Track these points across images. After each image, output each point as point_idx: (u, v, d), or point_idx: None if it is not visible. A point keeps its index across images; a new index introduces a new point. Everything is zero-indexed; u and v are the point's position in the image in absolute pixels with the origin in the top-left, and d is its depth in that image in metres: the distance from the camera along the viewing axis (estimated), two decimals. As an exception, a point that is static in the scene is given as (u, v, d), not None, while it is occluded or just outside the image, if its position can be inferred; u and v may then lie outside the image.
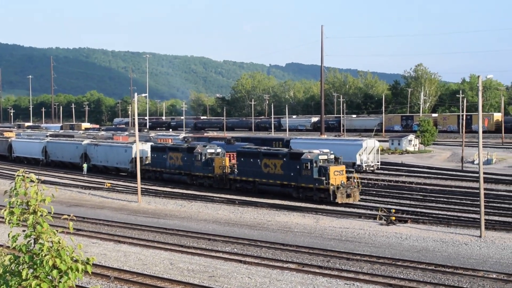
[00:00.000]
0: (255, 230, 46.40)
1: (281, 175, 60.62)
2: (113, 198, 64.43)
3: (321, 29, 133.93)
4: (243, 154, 67.15)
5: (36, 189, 8.51)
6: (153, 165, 77.71)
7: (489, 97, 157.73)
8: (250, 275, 32.18)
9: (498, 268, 34.19)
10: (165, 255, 37.53)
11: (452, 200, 57.29)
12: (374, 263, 35.62)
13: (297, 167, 58.73)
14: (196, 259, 36.37)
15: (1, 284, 8.31)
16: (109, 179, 78.22)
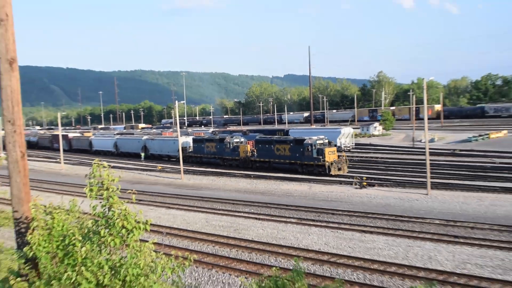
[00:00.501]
0: (266, 196, 46.51)
1: (289, 156, 60.69)
2: (163, 177, 64.64)
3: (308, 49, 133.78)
4: (260, 142, 67.04)
5: (108, 172, 8.65)
6: (194, 152, 77.34)
7: (431, 93, 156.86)
8: (263, 228, 32.36)
9: (440, 216, 34.24)
10: (202, 216, 37.70)
11: (406, 169, 57.31)
12: (351, 216, 35.70)
13: (301, 150, 58.88)
14: (224, 218, 36.53)
15: (86, 240, 8.44)
16: (160, 164, 78.38)
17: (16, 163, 9.92)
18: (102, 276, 8.10)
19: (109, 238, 8.32)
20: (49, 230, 8.64)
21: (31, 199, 9.66)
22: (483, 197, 40.29)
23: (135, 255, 8.34)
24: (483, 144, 75.32)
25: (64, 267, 8.31)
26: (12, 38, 9.80)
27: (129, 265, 8.16)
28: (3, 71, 9.71)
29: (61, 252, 8.50)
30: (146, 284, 8.19)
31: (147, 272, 8.27)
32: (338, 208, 38.45)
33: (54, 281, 8.23)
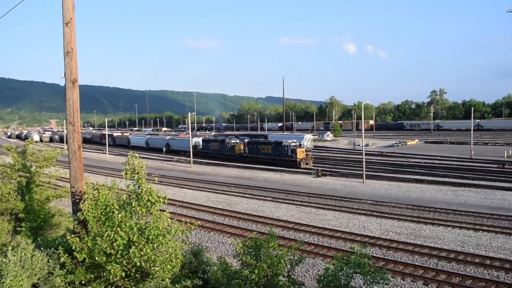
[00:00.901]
0: (250, 181, 46.39)
1: (271, 153, 60.19)
2: (178, 165, 64.31)
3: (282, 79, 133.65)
4: (251, 143, 66.43)
5: (138, 161, 8.59)
6: (203, 149, 76.33)
7: (367, 112, 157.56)
8: (248, 203, 32.26)
9: (371, 198, 34.34)
10: (205, 194, 37.53)
11: (349, 164, 57.43)
12: (310, 196, 35.69)
13: (279, 149, 58.62)
14: (220, 196, 36.38)
15: (122, 208, 8.39)
16: (177, 156, 77.97)
17: (74, 153, 10.02)
18: (132, 235, 8.08)
19: (138, 208, 8.28)
20: (96, 201, 8.60)
21: (84, 178, 9.69)
22: (401, 185, 40.50)
23: (156, 221, 8.30)
24: (402, 148, 75.77)
25: (105, 227, 8.29)
26: (75, 65, 9.97)
27: (151, 228, 8.12)
28: (68, 88, 9.91)
29: (103, 217, 8.47)
30: (164, 241, 8.17)
31: (164, 233, 8.25)
32: (301, 191, 38.44)
33: (98, 238, 8.19)
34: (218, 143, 73.16)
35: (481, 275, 16.44)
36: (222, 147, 71.03)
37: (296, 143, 58.95)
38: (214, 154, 72.72)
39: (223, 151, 70.68)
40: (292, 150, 57.03)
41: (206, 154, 74.80)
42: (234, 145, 68.74)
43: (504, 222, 25.45)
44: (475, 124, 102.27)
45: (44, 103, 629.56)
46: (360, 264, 8.50)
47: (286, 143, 58.69)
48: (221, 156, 70.71)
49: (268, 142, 64.72)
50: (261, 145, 63.06)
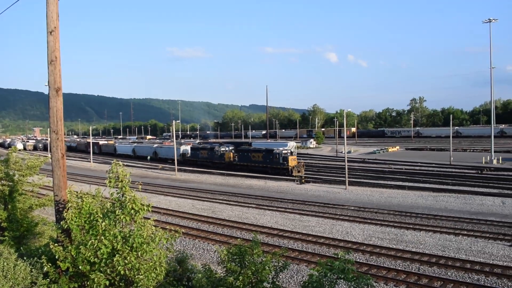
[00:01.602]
0: (234, 188, 46.28)
1: (262, 161, 58.89)
2: (163, 173, 63.88)
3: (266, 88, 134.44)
4: (241, 151, 65.28)
5: (122, 169, 8.50)
6: (191, 157, 74.95)
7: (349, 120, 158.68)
8: (232, 211, 32.13)
9: (354, 204, 34.52)
10: (189, 201, 37.29)
11: (332, 171, 57.68)
12: (294, 202, 35.72)
13: (271, 157, 57.41)
14: (205, 203, 36.20)
15: (105, 217, 8.29)
16: (162, 164, 77.21)
17: (58, 161, 9.96)
18: (116, 243, 7.98)
19: (122, 216, 8.19)
20: (79, 209, 8.48)
21: (67, 187, 9.59)
22: (383, 191, 40.78)
23: (140, 229, 8.20)
24: (384, 155, 76.41)
25: (89, 236, 8.18)
26: (59, 74, 9.93)
27: (135, 236, 8.03)
28: (51, 96, 9.88)
29: (87, 225, 8.36)
30: (148, 249, 8.08)
31: (149, 241, 8.16)
32: (284, 198, 38.46)
33: (81, 246, 8.06)
34: (207, 151, 71.60)
35: (462, 279, 16.59)
36: (212, 155, 69.52)
37: (288, 151, 58.13)
38: (203, 162, 71.13)
39: (212, 159, 69.16)
40: (284, 157, 55.81)
41: (195, 162, 73.19)
42: (223, 153, 67.27)
43: (483, 226, 25.78)
44: (454, 131, 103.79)
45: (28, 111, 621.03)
46: (344, 270, 8.50)
47: (278, 150, 57.64)
48: (210, 164, 69.19)
49: (258, 149, 62.97)
50: (252, 153, 61.57)
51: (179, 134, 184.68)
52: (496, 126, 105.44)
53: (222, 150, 68.02)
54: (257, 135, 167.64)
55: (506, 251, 20.25)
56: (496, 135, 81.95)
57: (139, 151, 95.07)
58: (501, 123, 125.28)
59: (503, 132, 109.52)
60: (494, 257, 19.37)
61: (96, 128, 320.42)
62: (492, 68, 59.31)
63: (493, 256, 19.57)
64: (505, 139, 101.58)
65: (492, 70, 59.33)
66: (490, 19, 56.66)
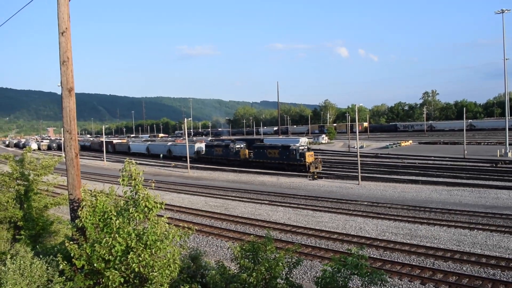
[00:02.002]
0: (247, 184, 46.37)
1: (278, 158, 58.03)
2: (176, 171, 64.19)
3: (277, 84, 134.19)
4: (257, 147, 64.24)
5: (135, 168, 8.57)
6: (206, 155, 74.12)
7: (361, 114, 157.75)
8: (245, 207, 32.22)
9: (367, 199, 34.41)
10: (202, 198, 37.46)
11: (344, 166, 57.48)
12: (307, 199, 35.71)
13: (287, 153, 56.51)
14: (218, 200, 36.33)
15: (119, 215, 8.36)
16: (174, 161, 77.39)
17: (72, 160, 10.01)
18: (130, 241, 8.04)
19: (136, 214, 8.25)
20: (94, 208, 8.55)
21: (81, 185, 9.66)
22: (397, 186, 40.55)
23: (153, 226, 8.26)
24: (396, 149, 75.94)
25: (103, 234, 8.25)
26: (71, 74, 9.99)
27: (149, 233, 8.08)
28: (64, 96, 9.94)
29: (101, 223, 8.42)
30: (161, 246, 8.13)
31: (162, 238, 8.21)
32: (297, 194, 38.46)
33: (96, 244, 8.13)
34: (222, 148, 70.71)
35: (478, 274, 16.44)
36: (226, 152, 68.64)
37: (305, 147, 56.98)
38: (218, 160, 70.21)
39: (227, 157, 68.26)
40: (301, 154, 54.82)
41: (209, 160, 72.39)
42: (238, 150, 66.55)
43: (499, 220, 25.51)
44: (467, 124, 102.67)
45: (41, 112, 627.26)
46: (357, 265, 8.49)
47: (294, 146, 56.79)
48: (225, 161, 68.24)
49: (275, 146, 61.95)
50: (268, 150, 60.67)
51: (191, 132, 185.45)
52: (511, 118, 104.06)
53: (237, 147, 67.41)
54: (268, 131, 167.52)
55: (522, 245, 20.01)
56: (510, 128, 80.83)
57: (153, 149, 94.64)
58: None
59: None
60: (510, 251, 19.15)
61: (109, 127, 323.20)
62: (505, 60, 58.55)
63: (509, 250, 19.36)
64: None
65: (505, 61, 58.59)
66: (503, 10, 55.89)
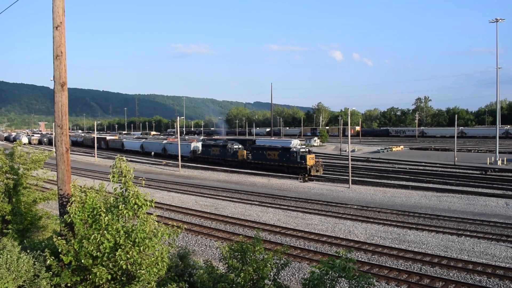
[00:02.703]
0: (238, 185, 46.34)
1: (277, 160, 56.14)
2: (166, 169, 63.98)
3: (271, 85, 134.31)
4: (255, 148, 62.53)
5: (125, 164, 8.56)
6: (202, 154, 71.95)
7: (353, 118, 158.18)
8: (235, 207, 32.20)
9: (357, 203, 34.52)
10: (192, 197, 37.39)
11: (335, 169, 57.53)
12: (297, 201, 35.76)
13: (287, 155, 54.70)
14: (208, 200, 36.28)
15: (109, 211, 8.34)
16: (169, 160, 76.81)
17: (62, 155, 10.01)
18: (119, 238, 8.03)
19: (125, 211, 8.24)
20: (83, 204, 8.53)
21: (71, 181, 9.62)
22: (386, 190, 40.72)
23: (142, 224, 8.26)
24: (388, 154, 76.24)
25: (92, 230, 8.23)
26: (64, 68, 9.98)
27: (138, 231, 8.08)
28: (57, 90, 9.92)
29: (90, 219, 8.40)
30: (150, 244, 8.13)
31: (151, 236, 8.21)
32: (287, 195, 38.50)
33: (84, 240, 8.12)
34: (219, 148, 68.75)
35: (464, 280, 16.56)
36: (224, 152, 66.87)
37: (306, 149, 55.48)
38: (215, 160, 68.47)
39: (224, 157, 66.48)
40: (302, 156, 53.02)
41: (206, 160, 70.80)
42: (236, 151, 64.87)
43: (487, 227, 25.72)
44: (458, 131, 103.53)
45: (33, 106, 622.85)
46: (345, 268, 8.53)
47: (295, 148, 55.30)
48: (222, 162, 66.55)
49: (274, 147, 59.92)
50: (267, 151, 58.81)
51: (184, 131, 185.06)
52: (502, 127, 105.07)
53: (235, 148, 65.87)
54: (261, 132, 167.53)
55: (509, 252, 20.20)
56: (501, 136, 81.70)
57: (147, 147, 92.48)
58: (507, 124, 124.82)
59: (508, 133, 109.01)
60: (497, 259, 19.32)
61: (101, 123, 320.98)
62: (498, 69, 59.03)
63: (496, 257, 19.53)
64: (510, 140, 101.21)
65: (498, 70, 59.06)
66: (497, 19, 56.31)
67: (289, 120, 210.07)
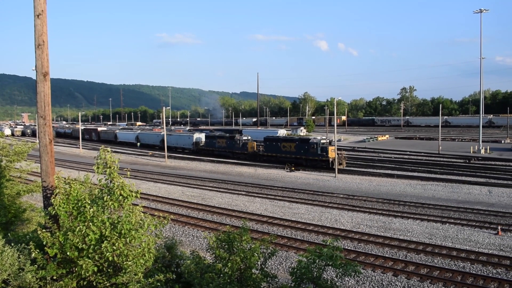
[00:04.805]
0: (224, 175, 46.28)
1: (295, 152, 52.22)
2: (153, 160, 63.64)
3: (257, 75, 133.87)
4: (268, 140, 58.45)
5: (110, 155, 8.48)
6: (207, 146, 67.64)
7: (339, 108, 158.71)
8: (222, 198, 32.18)
9: (343, 192, 34.72)
10: (179, 188, 37.27)
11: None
12: (283, 190, 35.84)
13: (306, 147, 50.81)
14: (195, 190, 36.19)
15: (94, 203, 8.26)
16: (151, 150, 76.37)
17: (45, 146, 9.90)
18: (104, 229, 7.97)
19: (110, 202, 8.18)
20: (67, 196, 8.43)
21: (55, 173, 9.52)
22: (372, 179, 41.04)
23: (128, 215, 8.19)
24: (373, 143, 76.76)
25: (77, 222, 8.15)
26: (46, 58, 9.83)
27: (124, 222, 8.02)
28: (39, 80, 9.79)
29: (75, 211, 8.31)
30: (136, 235, 8.08)
31: (137, 227, 8.16)
32: (274, 185, 38.56)
33: (69, 232, 8.03)
34: (226, 140, 64.64)
35: (448, 266, 16.82)
36: (231, 144, 62.62)
37: (326, 140, 51.65)
38: (221, 152, 64.22)
39: (232, 149, 62.32)
40: (323, 148, 49.23)
41: (210, 152, 66.49)
42: (246, 142, 60.85)
43: (470, 215, 26.10)
44: (443, 120, 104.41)
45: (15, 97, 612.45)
46: (332, 256, 8.58)
47: (315, 140, 50.83)
48: (230, 155, 62.52)
49: (291, 139, 56.35)
50: (282, 143, 54.84)
51: (169, 121, 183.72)
52: (485, 116, 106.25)
53: (244, 139, 61.99)
54: (247, 122, 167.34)
55: (491, 239, 20.54)
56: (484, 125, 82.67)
57: (144, 139, 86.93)
58: (490, 113, 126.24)
59: (491, 122, 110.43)
60: (480, 245, 19.63)
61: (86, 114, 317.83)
62: (482, 59, 59.59)
63: (479, 244, 19.84)
64: (493, 129, 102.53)
65: (482, 60, 59.63)
66: (481, 10, 56.73)
67: (275, 110, 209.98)
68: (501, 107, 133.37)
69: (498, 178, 39.86)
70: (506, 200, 30.81)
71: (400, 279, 15.66)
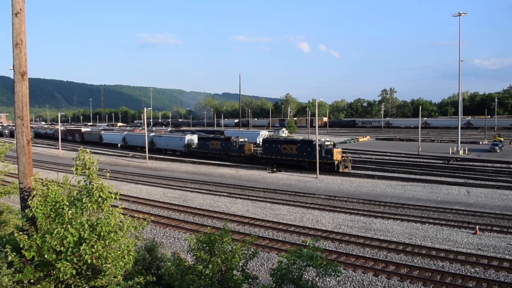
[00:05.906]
0: (206, 176, 46.13)
1: (296, 154, 50.43)
2: (134, 161, 63.07)
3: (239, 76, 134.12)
4: (267, 141, 56.72)
5: (89, 156, 8.37)
6: (199, 148, 65.32)
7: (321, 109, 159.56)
8: (203, 199, 32.08)
9: (324, 192, 34.95)
10: (160, 190, 37.00)
11: (304, 160, 57.90)
12: (265, 191, 35.88)
13: (308, 149, 48.74)
14: (176, 191, 35.99)
15: (72, 205, 8.15)
16: (132, 151, 75.59)
17: (23, 147, 9.72)
18: (83, 231, 7.85)
19: (89, 204, 8.07)
20: (45, 197, 8.28)
21: (33, 174, 9.35)
22: (353, 180, 41.38)
23: (107, 217, 8.09)
24: (355, 145, 77.37)
25: (55, 224, 8.01)
26: (24, 57, 9.65)
27: (103, 224, 7.91)
28: (17, 80, 9.59)
29: (53, 213, 8.18)
30: (115, 237, 7.98)
31: (116, 229, 8.06)
32: (256, 186, 38.59)
33: (47, 235, 7.89)
34: (220, 141, 62.67)
35: (428, 266, 17.04)
36: (227, 146, 60.68)
37: (331, 142, 49.79)
38: (216, 155, 62.00)
39: (228, 151, 60.41)
40: (327, 150, 47.58)
41: (204, 155, 64.05)
42: (243, 144, 58.89)
43: (449, 215, 26.50)
44: (422, 122, 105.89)
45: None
46: (312, 257, 8.62)
47: (319, 142, 47.85)
48: (225, 157, 60.49)
49: (292, 141, 54.67)
50: (282, 144, 53.01)
51: (151, 122, 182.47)
52: (463, 117, 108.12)
53: (241, 141, 59.87)
54: (229, 123, 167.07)
55: (470, 238, 20.88)
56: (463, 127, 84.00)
57: (131, 140, 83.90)
58: (468, 115, 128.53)
59: (469, 124, 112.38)
60: (459, 245, 19.94)
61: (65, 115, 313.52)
62: (460, 61, 60.60)
63: (458, 243, 20.15)
64: (472, 131, 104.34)
65: (460, 63, 60.64)
66: (460, 13, 57.77)
67: (257, 111, 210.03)
68: (479, 109, 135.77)
69: (476, 178, 40.60)
70: (484, 200, 31.39)
71: (380, 279, 15.81)
